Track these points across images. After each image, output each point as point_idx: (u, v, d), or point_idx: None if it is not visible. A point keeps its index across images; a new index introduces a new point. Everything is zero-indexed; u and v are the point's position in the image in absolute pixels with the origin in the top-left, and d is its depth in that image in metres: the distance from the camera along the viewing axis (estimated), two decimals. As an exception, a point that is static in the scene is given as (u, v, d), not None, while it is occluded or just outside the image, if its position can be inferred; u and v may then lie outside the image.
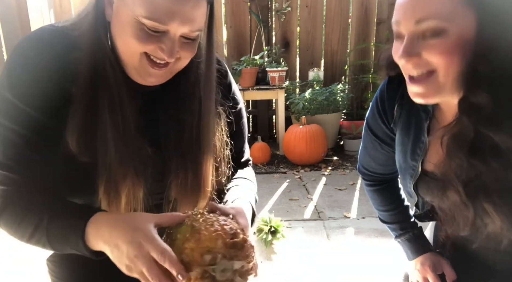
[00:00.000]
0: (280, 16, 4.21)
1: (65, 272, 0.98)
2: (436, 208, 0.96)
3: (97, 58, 0.79)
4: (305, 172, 3.49)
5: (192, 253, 0.67)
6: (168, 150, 0.89)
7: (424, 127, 0.94)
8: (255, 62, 3.80)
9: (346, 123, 4.15)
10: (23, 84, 0.79)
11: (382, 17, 4.32)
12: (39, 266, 1.06)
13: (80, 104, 0.79)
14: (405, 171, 0.99)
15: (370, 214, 2.60)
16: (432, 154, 0.93)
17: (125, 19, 0.77)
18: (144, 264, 0.70)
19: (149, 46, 0.77)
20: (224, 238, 0.68)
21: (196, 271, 0.67)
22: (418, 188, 0.98)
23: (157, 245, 0.70)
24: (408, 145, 0.97)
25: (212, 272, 0.67)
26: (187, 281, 0.67)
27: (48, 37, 0.82)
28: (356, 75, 4.34)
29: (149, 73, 0.81)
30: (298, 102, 3.80)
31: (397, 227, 1.15)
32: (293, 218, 2.58)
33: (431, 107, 0.93)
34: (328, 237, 2.33)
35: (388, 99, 1.00)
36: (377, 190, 1.17)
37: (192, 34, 0.80)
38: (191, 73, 0.90)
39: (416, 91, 0.82)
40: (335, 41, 4.36)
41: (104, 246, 0.74)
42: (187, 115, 0.89)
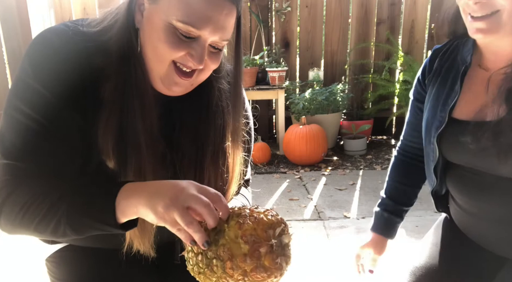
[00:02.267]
0: (280, 16, 4.21)
1: (64, 272, 0.97)
2: (475, 154, 0.97)
3: (127, 64, 0.80)
4: (305, 172, 3.49)
5: (256, 232, 0.69)
6: (183, 158, 0.90)
7: (459, 77, 0.99)
8: (255, 62, 3.80)
9: (346, 123, 4.15)
10: (48, 72, 0.78)
11: (382, 17, 4.32)
12: (39, 266, 1.06)
13: (113, 111, 0.79)
14: (431, 125, 1.03)
15: (370, 214, 2.59)
16: (465, 104, 0.98)
17: (157, 24, 0.77)
18: (178, 209, 0.67)
19: (179, 52, 0.78)
20: (274, 215, 0.72)
21: (263, 247, 0.69)
22: (444, 140, 1.01)
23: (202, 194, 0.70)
24: (441, 99, 1.02)
25: (275, 246, 0.70)
26: (256, 260, 0.68)
27: (72, 32, 0.82)
28: (356, 75, 4.34)
29: (174, 82, 0.81)
30: (298, 102, 3.79)
31: (384, 201, 1.27)
32: (293, 218, 2.58)
33: (470, 59, 0.99)
34: (328, 237, 2.33)
35: (430, 59, 1.09)
36: (403, 161, 1.25)
37: (220, 44, 0.81)
38: (213, 87, 0.91)
39: (477, 27, 0.86)
40: (335, 41, 4.36)
41: (141, 205, 0.70)
42: (210, 129, 0.90)
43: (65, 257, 0.97)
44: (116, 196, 0.72)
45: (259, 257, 0.68)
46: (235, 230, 0.69)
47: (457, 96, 0.98)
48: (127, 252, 0.86)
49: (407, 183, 1.22)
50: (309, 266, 2.02)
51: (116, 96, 0.79)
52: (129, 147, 0.81)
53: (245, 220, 0.70)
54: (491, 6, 0.83)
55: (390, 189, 1.25)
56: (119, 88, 0.79)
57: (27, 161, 0.78)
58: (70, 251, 0.98)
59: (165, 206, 0.67)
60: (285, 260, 0.71)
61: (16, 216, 0.76)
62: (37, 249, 1.03)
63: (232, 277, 0.69)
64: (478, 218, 1.01)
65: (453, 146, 0.99)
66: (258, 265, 0.68)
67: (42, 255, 1.01)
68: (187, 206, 0.68)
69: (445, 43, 1.08)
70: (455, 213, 1.11)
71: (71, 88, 0.79)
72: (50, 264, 1.00)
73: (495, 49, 0.94)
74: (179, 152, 0.90)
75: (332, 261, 2.05)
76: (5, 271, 2.02)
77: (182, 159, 0.90)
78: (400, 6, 4.31)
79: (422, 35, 4.34)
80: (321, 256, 2.12)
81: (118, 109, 0.79)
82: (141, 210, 0.70)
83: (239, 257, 0.68)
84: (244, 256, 0.68)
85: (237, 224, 0.69)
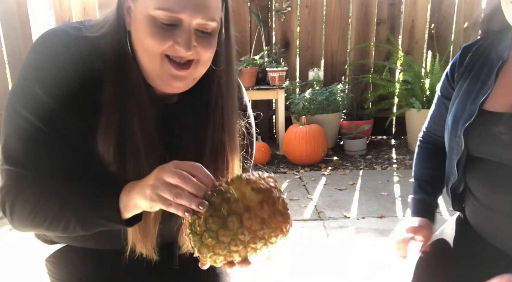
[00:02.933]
0: (280, 16, 4.21)
1: (64, 272, 0.98)
2: (494, 152, 0.97)
3: (121, 67, 0.80)
4: (305, 172, 3.49)
5: (265, 181, 0.72)
6: (184, 159, 0.90)
7: (494, 71, 0.98)
8: (255, 62, 3.80)
9: (346, 123, 4.15)
10: (49, 77, 0.78)
11: (382, 17, 4.32)
12: (38, 267, 1.06)
13: (111, 115, 0.79)
14: (459, 118, 1.02)
15: (370, 214, 2.59)
16: (497, 98, 0.97)
17: (140, 19, 0.77)
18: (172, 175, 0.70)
19: (165, 42, 0.77)
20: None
21: (276, 192, 0.72)
22: (471, 133, 1.00)
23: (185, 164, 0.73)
24: (472, 93, 1.01)
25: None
26: (272, 206, 0.70)
27: (73, 35, 0.82)
28: (356, 75, 4.34)
29: (172, 76, 0.80)
30: (298, 102, 3.79)
31: (416, 186, 1.21)
32: (293, 218, 2.56)
33: (508, 54, 0.98)
34: (328, 237, 2.33)
35: (461, 55, 1.08)
36: (426, 147, 1.27)
37: (207, 26, 0.79)
38: (212, 81, 0.89)
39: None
40: (335, 41, 4.36)
41: (136, 196, 0.74)
42: (209, 127, 0.89)
43: (65, 257, 0.97)
44: (119, 195, 0.76)
45: (274, 203, 0.70)
46: (242, 187, 0.71)
47: (490, 90, 0.98)
48: (129, 255, 0.86)
49: (435, 168, 1.22)
50: (309, 266, 2.02)
51: (114, 100, 0.79)
52: (128, 151, 0.81)
53: (249, 177, 0.72)
54: None
55: (421, 176, 1.24)
56: (115, 92, 0.79)
57: (29, 168, 0.80)
58: (69, 251, 0.98)
59: (150, 187, 0.71)
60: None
61: (26, 219, 0.80)
62: (37, 249, 1.03)
63: (250, 230, 0.69)
64: (496, 212, 1.00)
65: (482, 138, 0.98)
66: (275, 210, 0.70)
67: (42, 255, 1.01)
68: (167, 181, 0.70)
69: (474, 41, 1.08)
70: (471, 209, 1.10)
71: (72, 92, 0.79)
72: (50, 264, 1.00)
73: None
74: (179, 155, 0.90)
75: (332, 261, 2.05)
76: (5, 271, 2.02)
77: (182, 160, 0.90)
78: (400, 6, 4.31)
79: (422, 35, 4.34)
80: (321, 256, 2.12)
81: (116, 113, 0.79)
82: (137, 200, 0.73)
83: (256, 205, 0.69)
84: (260, 203, 0.69)
85: (243, 181, 0.71)
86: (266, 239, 0.71)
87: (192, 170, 0.72)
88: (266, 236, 0.71)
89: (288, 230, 0.74)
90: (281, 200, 0.72)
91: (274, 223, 0.70)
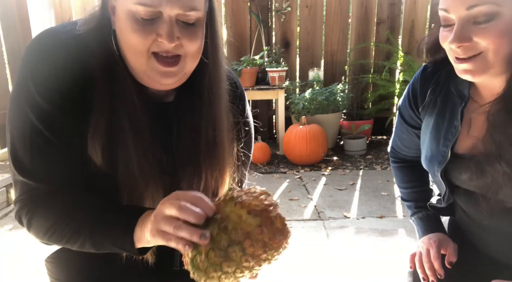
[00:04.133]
0: (280, 16, 4.21)
1: (63, 273, 0.97)
2: (474, 189, 0.97)
3: (108, 67, 0.79)
4: (305, 172, 3.48)
5: (261, 202, 0.71)
6: (183, 159, 0.89)
7: (458, 112, 0.97)
8: (255, 62, 3.80)
9: (346, 123, 4.15)
10: (45, 80, 0.78)
11: (382, 17, 4.32)
12: (38, 267, 1.05)
13: (102, 115, 0.79)
14: (434, 159, 1.01)
15: (370, 214, 2.59)
16: (464, 138, 0.97)
17: (122, 17, 0.77)
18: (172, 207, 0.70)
19: (148, 37, 0.76)
20: (256, 188, 0.75)
21: (273, 212, 0.71)
22: (447, 174, 1.01)
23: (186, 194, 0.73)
24: (441, 132, 1.00)
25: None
26: (270, 226, 0.69)
27: (65, 35, 0.81)
28: (356, 75, 4.34)
29: (159, 72, 0.79)
30: (298, 102, 3.79)
31: (413, 205, 1.19)
32: (293, 218, 2.57)
33: (468, 93, 0.97)
34: (328, 237, 2.33)
35: (421, 85, 1.05)
36: (401, 167, 1.24)
37: (188, 16, 0.78)
38: (205, 76, 0.88)
39: (464, 68, 0.85)
40: (335, 41, 4.36)
41: (147, 233, 0.74)
42: (203, 122, 0.88)
43: (65, 257, 0.97)
44: (134, 228, 0.76)
45: (272, 223, 0.69)
46: (237, 211, 0.69)
47: (457, 132, 0.97)
48: (126, 256, 0.86)
49: (414, 186, 1.21)
50: (309, 266, 2.02)
51: (103, 100, 0.79)
52: (117, 152, 0.80)
53: (242, 199, 0.71)
54: (475, 48, 0.82)
55: (404, 194, 1.23)
56: (104, 92, 0.79)
57: (41, 181, 0.81)
58: (69, 251, 0.97)
59: (152, 222, 0.71)
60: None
61: (43, 236, 0.83)
62: (36, 249, 1.03)
63: (254, 256, 0.68)
64: (484, 228, 1.01)
65: (462, 175, 0.98)
66: (274, 231, 0.69)
67: (42, 256, 1.01)
68: (167, 215, 0.70)
69: (432, 70, 1.03)
70: (460, 218, 1.11)
71: (68, 94, 0.79)
72: (50, 264, 0.99)
73: (488, 85, 0.92)
74: (178, 154, 0.89)
75: (332, 261, 2.05)
76: (5, 271, 2.02)
77: (181, 159, 0.89)
78: (400, 6, 4.31)
79: (422, 35, 4.34)
80: (321, 256, 2.11)
81: (105, 113, 0.79)
82: (148, 238, 0.74)
83: (255, 230, 0.68)
84: (259, 227, 0.68)
85: (237, 205, 0.70)
86: (269, 259, 0.71)
87: (193, 200, 0.71)
88: (270, 256, 0.71)
89: (289, 241, 0.73)
90: (278, 217, 0.70)
91: (276, 244, 0.70)
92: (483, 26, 0.80)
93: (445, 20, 0.85)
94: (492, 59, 0.82)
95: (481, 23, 0.80)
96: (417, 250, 1.10)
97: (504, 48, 0.80)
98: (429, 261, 1.04)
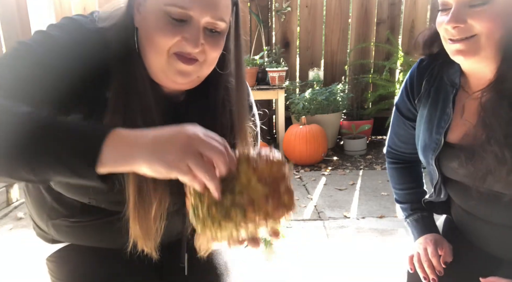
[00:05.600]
0: (280, 16, 4.21)
1: (65, 272, 0.98)
2: (463, 177, 0.99)
3: (127, 63, 0.80)
4: (305, 172, 3.49)
5: (272, 172, 0.69)
6: None
7: (450, 99, 1.01)
8: (255, 62, 3.80)
9: (346, 123, 4.15)
10: (69, 42, 0.78)
11: (382, 17, 4.32)
12: (39, 266, 1.06)
13: (116, 111, 0.79)
14: (428, 147, 1.04)
15: (370, 214, 2.60)
16: (456, 126, 1.00)
17: (151, 14, 0.78)
18: (192, 158, 0.61)
19: (174, 37, 0.77)
20: (278, 154, 0.73)
21: (282, 185, 0.69)
22: (441, 162, 1.03)
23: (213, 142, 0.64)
24: (434, 121, 1.03)
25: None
26: (277, 199, 0.68)
27: (88, 26, 0.83)
28: (356, 75, 4.34)
29: (177, 70, 0.80)
30: (298, 102, 3.79)
31: (408, 207, 1.20)
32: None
33: (459, 81, 1.01)
34: (328, 237, 2.33)
35: (417, 77, 1.09)
36: (397, 168, 1.25)
37: (216, 25, 0.80)
38: (219, 85, 0.90)
39: (457, 48, 0.90)
40: (335, 41, 4.36)
41: (141, 157, 0.62)
42: (217, 127, 0.87)
43: (66, 256, 0.97)
44: (103, 141, 0.61)
45: (279, 196, 0.68)
46: (248, 175, 0.67)
47: (450, 120, 1.01)
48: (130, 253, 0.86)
49: (409, 187, 1.22)
50: (309, 266, 2.03)
51: (118, 96, 0.79)
52: None
53: (257, 163, 0.68)
54: (469, 30, 0.87)
55: (398, 196, 1.24)
56: (120, 87, 0.80)
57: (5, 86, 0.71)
58: (70, 250, 0.98)
59: (177, 154, 0.61)
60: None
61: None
62: (37, 248, 1.03)
63: (253, 221, 0.67)
64: (479, 220, 1.02)
65: (447, 169, 1.02)
66: (280, 203, 0.68)
67: (43, 255, 1.01)
68: (200, 152, 0.63)
69: (427, 63, 1.08)
70: (456, 214, 1.12)
71: (83, 74, 0.78)
72: (51, 263, 1.00)
73: (478, 73, 0.96)
74: None
75: (332, 261, 2.06)
76: (6, 271, 2.02)
77: None
78: (400, 6, 4.31)
79: (422, 35, 4.34)
80: (321, 256, 2.12)
81: (120, 109, 0.79)
82: (141, 162, 0.62)
83: (261, 199, 0.67)
84: (265, 197, 0.67)
85: (250, 168, 0.68)
86: (268, 226, 0.70)
87: (223, 148, 0.66)
88: (269, 225, 0.70)
89: (292, 213, 0.72)
90: (286, 192, 0.69)
91: (278, 215, 0.68)
92: (478, 9, 0.85)
93: (444, 4, 0.91)
94: (484, 42, 0.87)
95: (476, 6, 0.86)
96: (414, 252, 1.11)
97: (495, 33, 0.86)
98: (428, 259, 1.06)
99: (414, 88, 1.10)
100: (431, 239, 1.10)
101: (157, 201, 0.82)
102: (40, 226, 1.00)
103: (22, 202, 2.84)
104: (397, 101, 1.17)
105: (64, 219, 0.93)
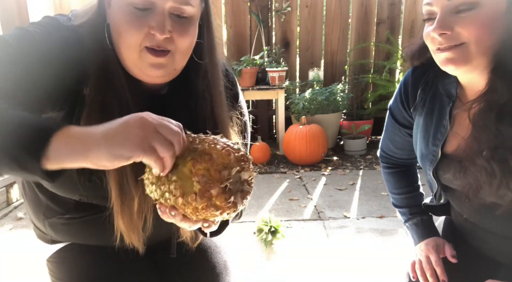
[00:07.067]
0: (280, 16, 4.21)
1: (65, 272, 0.98)
2: (458, 188, 0.99)
3: (101, 60, 0.80)
4: (305, 172, 3.49)
5: (209, 172, 0.67)
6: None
7: (446, 111, 0.98)
8: (255, 62, 3.80)
9: (346, 123, 4.15)
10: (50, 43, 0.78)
11: (382, 17, 4.32)
12: (39, 267, 1.06)
13: (93, 108, 0.79)
14: (425, 158, 1.03)
15: (370, 214, 2.60)
16: (452, 137, 0.98)
17: (117, 9, 0.78)
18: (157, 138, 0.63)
19: (141, 29, 0.77)
20: (234, 153, 0.70)
21: (215, 189, 0.67)
22: (438, 172, 1.02)
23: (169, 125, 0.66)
24: (430, 131, 1.01)
25: (230, 186, 0.68)
26: (207, 200, 0.67)
27: (65, 24, 0.83)
28: (356, 75, 4.34)
29: (150, 64, 0.80)
30: (298, 102, 3.79)
31: (407, 212, 1.19)
32: (293, 218, 2.58)
33: (455, 92, 0.98)
34: (328, 237, 2.33)
35: (412, 85, 1.06)
36: (392, 172, 1.23)
37: (182, 9, 0.79)
38: (199, 75, 0.89)
39: (446, 57, 0.86)
40: (335, 41, 4.36)
41: (96, 145, 0.61)
42: (199, 120, 0.88)
43: (66, 257, 0.98)
44: (51, 135, 0.60)
45: (210, 197, 0.67)
46: (189, 167, 0.67)
47: (446, 132, 0.98)
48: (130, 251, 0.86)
49: (406, 191, 1.21)
50: (309, 266, 2.03)
51: (94, 92, 0.79)
52: None
53: (200, 159, 0.68)
54: (456, 38, 0.84)
55: (396, 200, 1.23)
56: (97, 85, 0.80)
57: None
58: (70, 251, 0.98)
59: (138, 136, 0.62)
60: (241, 196, 0.70)
61: None
62: (38, 249, 1.03)
63: (183, 211, 0.69)
64: (478, 227, 1.01)
65: (450, 173, 1.00)
66: (209, 204, 0.67)
67: (43, 255, 1.02)
68: (158, 131, 0.64)
69: (422, 71, 1.05)
70: (455, 218, 1.12)
71: (61, 75, 0.78)
72: (51, 264, 1.00)
73: (473, 83, 0.92)
74: None
75: (332, 261, 2.06)
76: (6, 271, 2.02)
77: None
78: (400, 6, 4.31)
79: (422, 35, 4.34)
80: (321, 256, 2.12)
81: (97, 106, 0.79)
82: (99, 153, 0.61)
83: (190, 195, 0.67)
84: (194, 195, 0.67)
85: (191, 160, 0.67)
86: (199, 219, 0.71)
87: (177, 127, 0.68)
88: (200, 217, 0.70)
89: (237, 213, 0.72)
90: (218, 196, 0.67)
91: (207, 214, 0.69)
92: (465, 15, 0.82)
93: (429, 14, 0.88)
94: (474, 50, 0.83)
95: (462, 12, 0.82)
96: (416, 258, 1.10)
97: (485, 40, 0.82)
98: (431, 268, 1.05)
99: (409, 97, 1.06)
100: (433, 245, 1.08)
101: (140, 195, 0.82)
102: (38, 226, 1.00)
103: (22, 202, 2.84)
104: (391, 105, 1.14)
105: (59, 217, 0.93)
